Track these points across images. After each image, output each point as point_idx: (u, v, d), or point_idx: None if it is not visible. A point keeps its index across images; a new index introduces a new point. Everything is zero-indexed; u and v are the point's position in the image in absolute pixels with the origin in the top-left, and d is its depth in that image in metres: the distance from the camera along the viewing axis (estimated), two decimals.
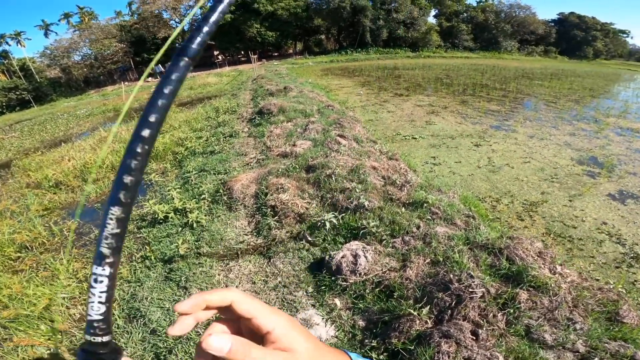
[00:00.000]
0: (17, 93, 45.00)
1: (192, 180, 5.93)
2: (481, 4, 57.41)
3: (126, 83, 46.59)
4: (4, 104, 44.39)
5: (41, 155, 9.99)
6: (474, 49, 51.17)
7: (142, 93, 28.62)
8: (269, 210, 4.53)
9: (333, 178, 4.83)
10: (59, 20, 60.39)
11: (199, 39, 0.34)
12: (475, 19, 52.68)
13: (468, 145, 8.06)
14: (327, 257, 3.49)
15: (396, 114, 11.34)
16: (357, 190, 4.45)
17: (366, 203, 4.13)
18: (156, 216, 4.85)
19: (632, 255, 4.21)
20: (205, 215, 4.80)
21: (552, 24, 59.05)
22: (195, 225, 4.60)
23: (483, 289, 2.82)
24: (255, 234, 4.35)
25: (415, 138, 8.61)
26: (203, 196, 5.19)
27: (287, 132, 7.04)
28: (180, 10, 50.46)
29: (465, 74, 24.77)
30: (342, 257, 3.34)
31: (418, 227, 3.83)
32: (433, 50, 47.37)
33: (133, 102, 21.81)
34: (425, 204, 4.36)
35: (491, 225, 4.44)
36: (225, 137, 8.06)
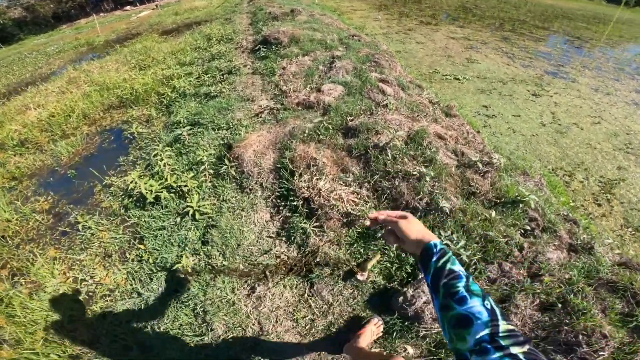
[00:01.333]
0: None
1: (184, 139, 4.42)
2: None
3: (101, 14, 41.70)
4: None
5: (2, 105, 8.29)
6: None
7: (120, 23, 25.24)
8: (302, 203, 3.15)
9: (388, 153, 3.33)
10: None
11: None
12: None
13: (524, 93, 6.63)
14: (400, 298, 2.22)
15: (427, 46, 9.39)
16: (427, 179, 3.02)
17: (444, 204, 2.74)
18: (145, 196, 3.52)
19: None
20: (209, 199, 3.50)
21: None
22: (197, 215, 3.30)
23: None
24: (284, 238, 3.06)
25: (458, 79, 7.03)
26: (202, 167, 3.79)
27: (305, 70, 5.27)
28: None
29: (495, 5, 21.55)
30: (425, 302, 2.09)
31: (521, 249, 2.54)
32: None
33: (110, 33, 19.27)
34: (521, 204, 2.98)
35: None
36: (222, 74, 6.27)
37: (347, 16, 13.63)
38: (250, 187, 3.54)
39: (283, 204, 3.28)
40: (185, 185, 3.56)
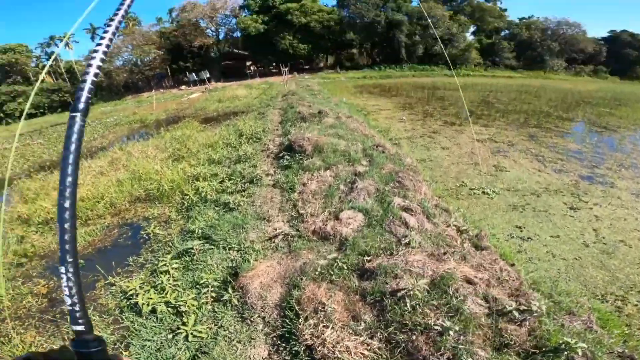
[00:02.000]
0: (60, 95, 46.78)
1: (194, 254, 4.30)
2: (524, 20, 54.10)
3: (161, 90, 47.20)
4: (47, 105, 46.18)
5: (46, 177, 9.01)
6: (516, 68, 47.94)
7: (172, 103, 28.28)
8: (303, 349, 2.80)
9: (407, 302, 2.92)
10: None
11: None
12: (518, 37, 49.39)
13: (561, 207, 6.16)
14: None
15: (453, 152, 9.31)
16: (451, 333, 2.58)
17: None
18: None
19: None
20: (206, 323, 3.29)
21: (602, 43, 54.74)
22: (190, 337, 3.09)
23: None
24: None
25: (486, 193, 6.62)
26: (206, 289, 3.62)
27: (325, 189, 5.17)
28: (217, 20, 50.82)
29: (516, 97, 22.34)
30: None
31: None
32: (472, 69, 44.70)
33: (161, 112, 21.51)
34: (566, 351, 2.53)
35: None
36: (244, 182, 6.34)
37: (372, 117, 14.36)
38: (252, 319, 3.25)
39: (284, 345, 2.95)
40: (185, 304, 3.37)
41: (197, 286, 3.71)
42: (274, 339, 3.06)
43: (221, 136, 10.62)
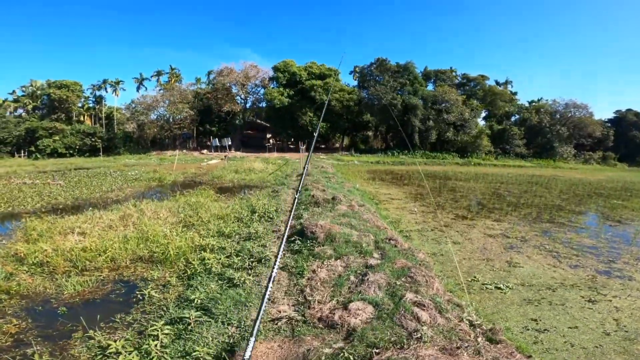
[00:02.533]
0: (93, 140, 48.91)
1: (190, 323, 4.16)
2: (534, 104, 56.73)
3: (184, 150, 49.42)
4: (78, 147, 47.94)
5: (55, 220, 9.18)
6: (526, 156, 49.01)
7: (192, 166, 29.71)
8: None
9: None
10: (151, 77, 66.61)
11: None
12: (528, 122, 51.38)
13: (578, 300, 6.07)
14: None
15: (465, 247, 9.28)
16: None
17: None
18: None
19: None
20: None
21: (609, 125, 56.16)
22: None
23: None
24: None
25: (500, 288, 6.49)
26: None
27: (335, 279, 5.19)
28: (247, 88, 54.94)
29: (527, 189, 22.71)
30: None
31: None
32: (483, 157, 46.02)
33: (180, 174, 22.60)
34: None
35: None
36: (252, 261, 6.42)
37: (384, 206, 14.73)
38: None
39: None
40: None
41: (187, 357, 3.51)
42: None
43: (233, 210, 10.94)
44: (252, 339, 1.73)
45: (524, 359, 3.67)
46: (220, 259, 6.53)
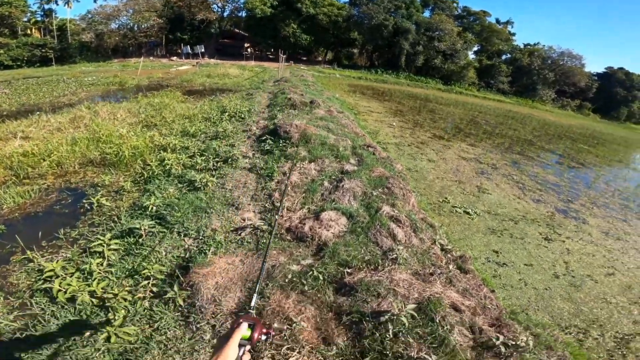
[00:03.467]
0: (43, 50, 43.65)
1: (141, 237, 3.64)
2: (528, 47, 54.82)
3: (151, 58, 44.58)
4: (26, 58, 43.04)
5: None
6: (508, 93, 48.84)
7: (159, 71, 26.65)
8: None
9: (389, 328, 2.55)
10: None
11: None
12: (518, 62, 50.10)
13: (536, 237, 6.24)
14: None
15: (439, 167, 9.11)
16: None
17: None
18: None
19: None
20: (138, 323, 2.68)
21: (596, 78, 56.30)
22: (114, 338, 2.45)
23: None
24: None
25: (468, 213, 6.47)
26: (146, 282, 2.99)
27: (308, 184, 4.67)
28: None
29: (503, 122, 22.71)
30: None
31: None
32: (465, 87, 45.19)
33: (144, 79, 20.16)
34: None
35: None
36: (216, 161, 5.76)
37: (362, 117, 13.99)
38: (199, 325, 2.68)
39: None
40: (114, 297, 2.76)
41: (136, 276, 3.10)
42: None
43: (202, 110, 9.83)
44: (255, 295, 1.51)
45: (489, 294, 3.61)
46: (182, 159, 5.80)
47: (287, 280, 2.99)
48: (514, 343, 2.67)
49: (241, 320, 1.17)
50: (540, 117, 33.58)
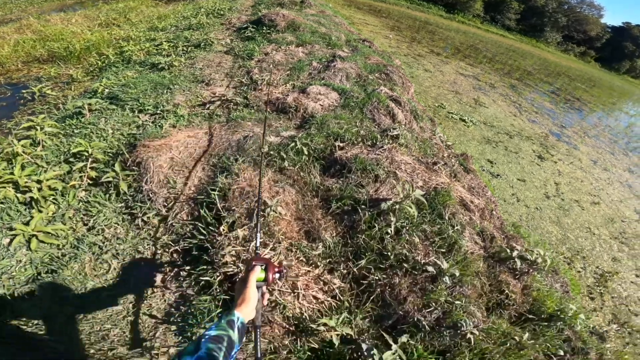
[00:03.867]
0: None
1: (84, 116, 2.98)
2: None
3: None
4: None
5: None
6: (513, 30, 45.91)
7: None
8: (219, 280, 1.78)
9: (391, 221, 2.04)
10: None
11: None
12: (532, 1, 46.25)
13: (530, 154, 6.16)
14: None
15: (435, 77, 8.50)
16: (447, 279, 1.83)
17: (466, 324, 1.66)
18: None
19: None
20: (70, 221, 2.10)
21: (609, 30, 53.55)
22: (34, 244, 1.91)
23: None
24: (174, 330, 1.71)
25: (464, 120, 6.19)
26: (82, 164, 2.34)
27: (294, 63, 3.94)
28: None
29: (504, 52, 21.45)
30: None
31: None
32: (469, 18, 42.04)
33: None
34: (560, 321, 2.02)
35: None
36: (188, 47, 4.86)
37: (357, 27, 12.57)
38: (146, 218, 2.14)
39: (188, 268, 1.90)
40: (38, 185, 2.12)
41: (70, 160, 2.44)
42: (175, 255, 2.02)
43: (175, 11, 8.41)
44: (259, 234, 1.34)
45: (493, 199, 3.28)
46: (146, 47, 4.88)
47: (261, 154, 2.45)
48: (530, 258, 2.28)
49: (253, 263, 1.17)
50: (541, 55, 32.26)
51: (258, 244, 1.41)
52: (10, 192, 2.09)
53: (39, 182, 2.14)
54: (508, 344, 1.76)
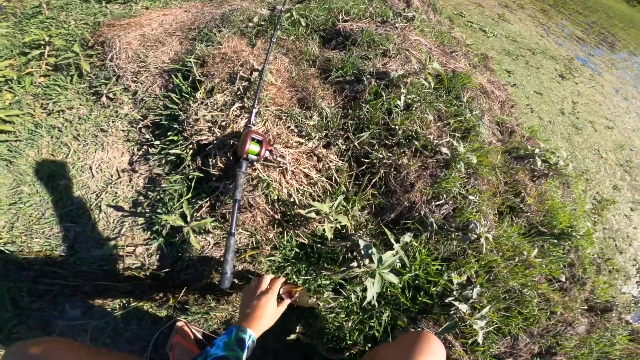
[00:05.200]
0: None
1: (42, 14, 2.46)
2: None
3: None
4: None
5: None
6: None
7: None
8: (192, 153, 1.51)
9: (401, 94, 1.68)
10: None
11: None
12: None
13: (551, 71, 5.71)
14: None
15: None
16: (461, 167, 1.53)
17: (476, 224, 1.40)
18: None
19: None
20: (27, 107, 1.79)
21: None
22: None
23: None
24: (142, 223, 1.50)
25: (484, 31, 5.66)
26: (38, 51, 1.97)
27: None
28: None
29: None
30: None
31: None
32: None
33: None
34: (569, 240, 1.87)
35: None
36: None
37: None
38: (111, 94, 1.82)
39: (158, 143, 1.62)
40: None
41: (28, 51, 2.05)
42: (143, 131, 1.72)
43: None
44: (254, 110, 1.29)
45: (511, 100, 2.97)
46: None
47: (251, 25, 2.00)
48: (553, 160, 2.00)
49: (247, 132, 1.15)
50: None
51: (253, 118, 1.28)
52: None
53: None
54: (517, 259, 1.57)
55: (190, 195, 1.41)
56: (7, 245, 1.37)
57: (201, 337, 1.32)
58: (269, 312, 0.94)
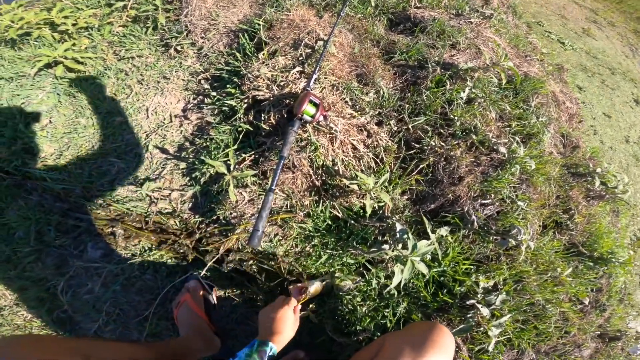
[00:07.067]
0: None
1: None
2: None
3: None
4: None
5: None
6: None
7: None
8: (245, 107, 1.52)
9: (465, 87, 1.58)
10: None
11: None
12: None
13: (627, 94, 5.14)
14: None
15: None
16: (516, 171, 1.43)
17: (521, 232, 1.31)
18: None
19: None
20: (101, 52, 1.88)
21: None
22: (60, 71, 1.70)
23: None
24: (183, 169, 1.55)
25: (562, 43, 5.14)
26: (124, 3, 2.03)
27: None
28: None
29: None
30: None
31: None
32: None
33: None
34: (605, 266, 1.77)
35: None
36: None
37: None
38: (179, 47, 1.88)
39: (214, 94, 1.65)
40: (76, 24, 1.88)
41: (113, 2, 2.10)
42: (202, 82, 1.76)
43: None
44: (314, 76, 1.34)
45: (579, 115, 2.74)
46: None
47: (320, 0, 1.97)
48: (612, 183, 1.86)
49: (306, 94, 1.16)
50: None
51: (312, 83, 1.26)
52: (46, 32, 1.88)
53: (75, 21, 1.91)
54: (549, 274, 1.46)
55: (236, 146, 1.43)
56: (50, 173, 1.42)
57: (212, 301, 1.32)
58: (288, 324, 0.95)
